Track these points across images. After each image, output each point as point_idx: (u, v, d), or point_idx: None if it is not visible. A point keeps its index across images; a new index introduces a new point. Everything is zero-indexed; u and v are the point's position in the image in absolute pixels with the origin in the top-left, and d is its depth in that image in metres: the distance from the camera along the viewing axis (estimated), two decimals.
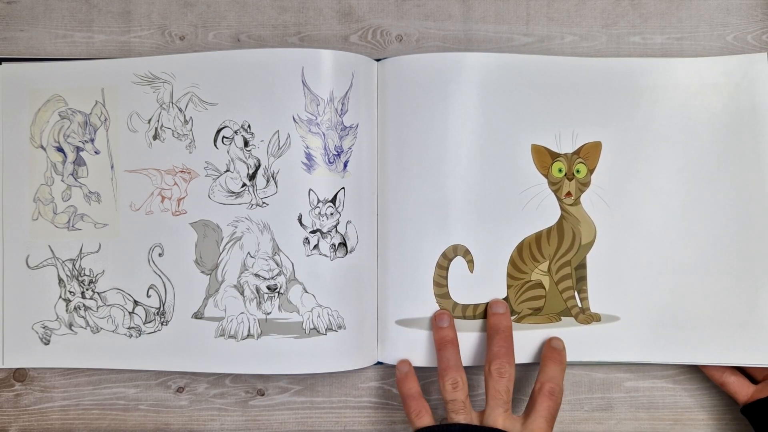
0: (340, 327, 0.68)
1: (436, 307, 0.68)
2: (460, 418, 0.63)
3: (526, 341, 0.69)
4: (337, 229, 0.67)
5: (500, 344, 0.66)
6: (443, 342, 0.66)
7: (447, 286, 0.68)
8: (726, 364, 0.68)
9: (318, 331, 0.67)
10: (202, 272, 0.69)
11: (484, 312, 0.68)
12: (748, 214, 0.69)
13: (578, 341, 0.69)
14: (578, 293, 0.69)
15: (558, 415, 0.71)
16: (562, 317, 0.69)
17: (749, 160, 0.69)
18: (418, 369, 0.71)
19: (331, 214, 0.67)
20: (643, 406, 0.72)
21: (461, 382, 0.64)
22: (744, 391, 0.68)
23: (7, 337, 0.70)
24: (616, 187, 0.69)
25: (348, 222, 0.68)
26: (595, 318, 0.69)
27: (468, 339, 0.68)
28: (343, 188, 0.68)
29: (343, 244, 0.68)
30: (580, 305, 0.69)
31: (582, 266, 0.69)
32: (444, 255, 0.68)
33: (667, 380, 0.72)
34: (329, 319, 0.67)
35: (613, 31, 0.74)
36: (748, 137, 0.69)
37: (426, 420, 0.64)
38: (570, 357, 0.68)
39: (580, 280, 0.69)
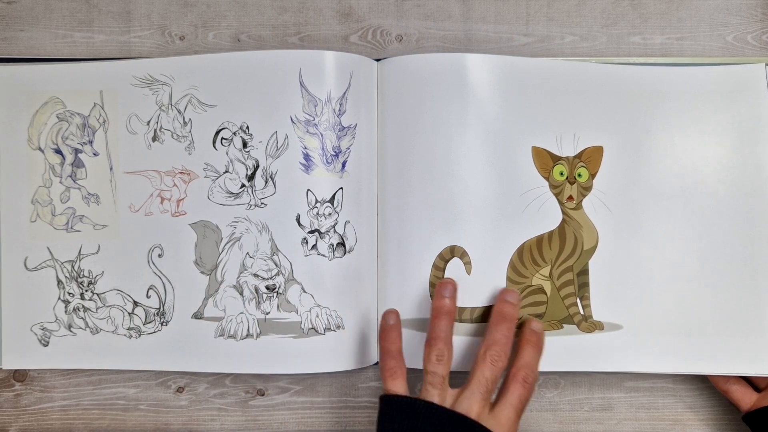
0: (338, 327, 0.68)
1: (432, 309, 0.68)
2: (435, 393, 0.60)
3: None
4: (335, 229, 0.68)
5: (502, 332, 0.62)
6: (440, 311, 0.63)
7: None
8: (730, 373, 0.68)
9: (316, 331, 0.67)
10: (202, 272, 0.69)
11: (481, 315, 0.68)
12: (751, 222, 0.68)
13: (581, 350, 0.68)
14: (580, 300, 0.69)
15: (558, 415, 0.71)
16: (563, 324, 0.69)
17: (751, 166, 0.69)
18: (419, 371, 0.71)
19: (329, 214, 0.67)
20: (643, 406, 0.72)
21: (447, 357, 0.61)
22: (747, 399, 0.67)
23: (6, 339, 0.70)
24: (618, 192, 0.69)
25: (346, 222, 0.68)
26: (598, 326, 0.68)
27: (462, 342, 0.68)
28: (341, 188, 0.68)
29: (342, 244, 0.68)
30: (582, 312, 0.69)
31: (584, 272, 0.69)
32: (441, 256, 0.68)
33: (667, 381, 0.72)
34: (327, 319, 0.67)
35: (613, 31, 0.74)
36: (749, 144, 0.69)
37: (399, 385, 0.61)
38: (572, 366, 0.68)
39: (583, 287, 0.69)
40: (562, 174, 0.69)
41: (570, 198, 0.69)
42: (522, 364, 0.62)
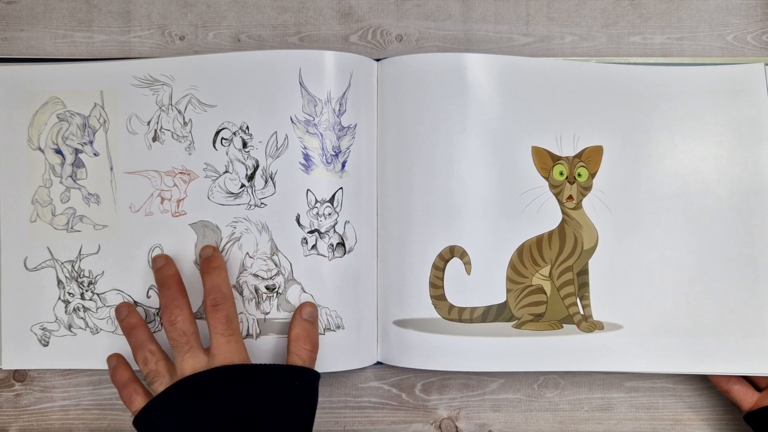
0: (338, 327, 0.68)
1: (432, 308, 0.68)
2: (157, 385, 0.62)
3: (527, 348, 0.68)
4: (335, 229, 0.68)
5: (165, 295, 0.64)
6: (129, 328, 0.66)
7: (443, 287, 0.68)
8: (731, 373, 0.68)
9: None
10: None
11: (481, 315, 0.68)
12: (751, 222, 0.68)
13: (581, 350, 0.68)
14: (580, 300, 0.68)
15: (558, 415, 0.71)
16: (563, 324, 0.68)
17: (751, 166, 0.69)
18: (419, 371, 0.71)
19: (329, 214, 0.67)
20: (643, 406, 0.72)
21: (150, 355, 0.64)
22: (748, 398, 0.67)
23: (6, 339, 0.70)
24: (618, 192, 0.69)
25: (346, 222, 0.68)
26: (598, 326, 0.68)
27: (465, 343, 0.67)
28: (341, 188, 0.68)
29: (342, 244, 0.68)
30: (582, 312, 0.68)
31: (584, 272, 0.69)
32: (440, 256, 0.68)
33: (667, 380, 0.72)
34: (327, 319, 0.67)
35: (613, 31, 0.74)
36: (749, 144, 0.69)
37: (140, 400, 0.63)
38: (573, 366, 0.68)
39: (582, 287, 0.69)
40: (561, 174, 0.69)
41: (570, 198, 0.69)
42: (207, 290, 0.64)
